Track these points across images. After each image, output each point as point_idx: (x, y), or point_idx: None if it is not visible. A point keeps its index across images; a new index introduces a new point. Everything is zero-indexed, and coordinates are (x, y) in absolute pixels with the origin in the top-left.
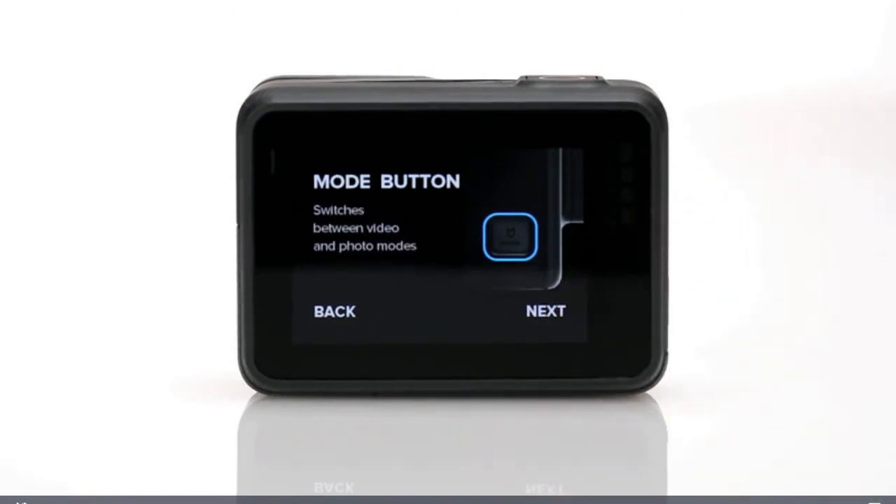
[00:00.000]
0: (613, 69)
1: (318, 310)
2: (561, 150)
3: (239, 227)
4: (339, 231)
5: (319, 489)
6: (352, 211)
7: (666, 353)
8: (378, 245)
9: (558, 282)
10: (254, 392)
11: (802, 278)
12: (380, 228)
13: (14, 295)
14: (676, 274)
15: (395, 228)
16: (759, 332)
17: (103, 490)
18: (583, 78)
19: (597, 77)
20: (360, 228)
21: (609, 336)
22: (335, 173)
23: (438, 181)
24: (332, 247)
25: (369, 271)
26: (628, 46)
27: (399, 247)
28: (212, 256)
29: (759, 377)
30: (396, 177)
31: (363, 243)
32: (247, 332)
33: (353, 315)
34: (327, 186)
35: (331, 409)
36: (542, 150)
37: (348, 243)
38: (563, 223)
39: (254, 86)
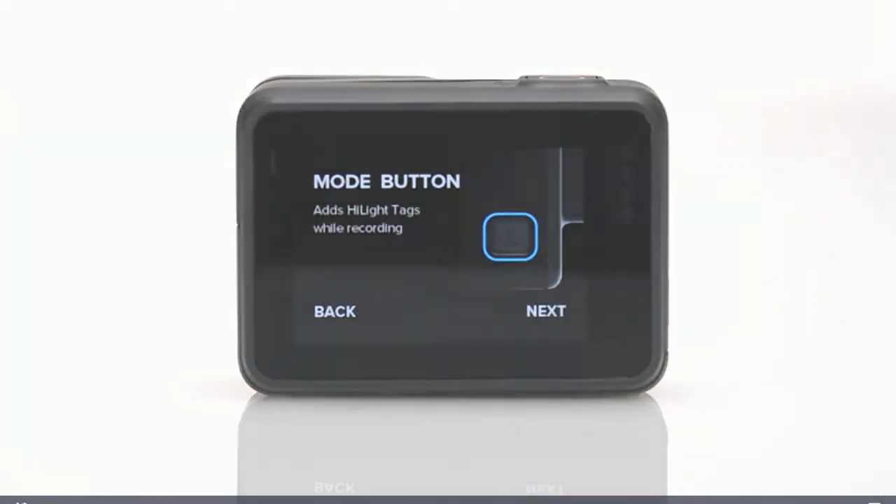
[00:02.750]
0: (613, 69)
1: (319, 310)
2: (561, 150)
3: (239, 227)
4: (339, 231)
5: (319, 489)
6: (352, 211)
7: (666, 353)
8: (378, 245)
9: (558, 282)
10: (254, 392)
11: (802, 278)
12: (380, 228)
13: (15, 295)
14: (676, 274)
15: (395, 228)
16: (758, 332)
17: (103, 490)
18: (583, 78)
19: (597, 77)
20: (360, 229)
21: (609, 336)
22: (335, 173)
23: (438, 181)
24: (332, 247)
25: (369, 271)
26: (628, 46)
27: (399, 247)
28: (212, 256)
29: (759, 377)
30: (396, 177)
31: (363, 243)
32: (247, 332)
33: (353, 315)
34: (327, 186)
35: (331, 409)
36: (542, 150)
37: (348, 243)
38: (563, 223)
39: (254, 86)
